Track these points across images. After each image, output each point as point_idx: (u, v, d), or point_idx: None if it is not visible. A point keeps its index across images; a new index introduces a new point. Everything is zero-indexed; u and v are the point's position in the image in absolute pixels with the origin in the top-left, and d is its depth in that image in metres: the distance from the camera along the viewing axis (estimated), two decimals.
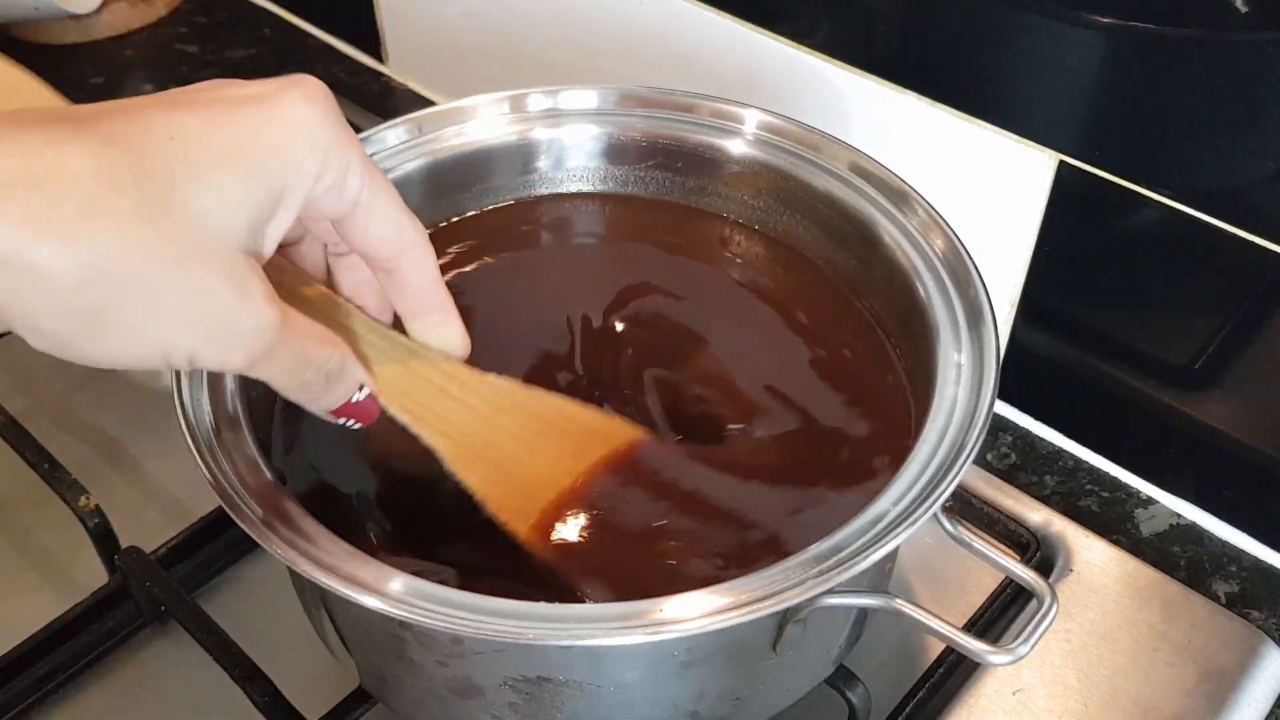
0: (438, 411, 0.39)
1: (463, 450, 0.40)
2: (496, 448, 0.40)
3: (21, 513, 0.58)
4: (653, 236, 0.55)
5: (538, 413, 0.42)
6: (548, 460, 0.41)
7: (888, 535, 0.37)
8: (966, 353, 0.43)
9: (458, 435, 0.40)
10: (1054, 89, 0.53)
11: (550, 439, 0.41)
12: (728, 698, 0.43)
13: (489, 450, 0.40)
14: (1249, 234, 0.50)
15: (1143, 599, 0.54)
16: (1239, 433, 0.56)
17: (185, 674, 0.51)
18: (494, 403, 0.40)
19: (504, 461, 0.40)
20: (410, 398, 0.39)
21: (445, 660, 0.40)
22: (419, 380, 0.39)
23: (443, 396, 0.39)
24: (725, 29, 0.64)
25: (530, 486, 0.41)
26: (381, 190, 0.36)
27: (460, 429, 0.40)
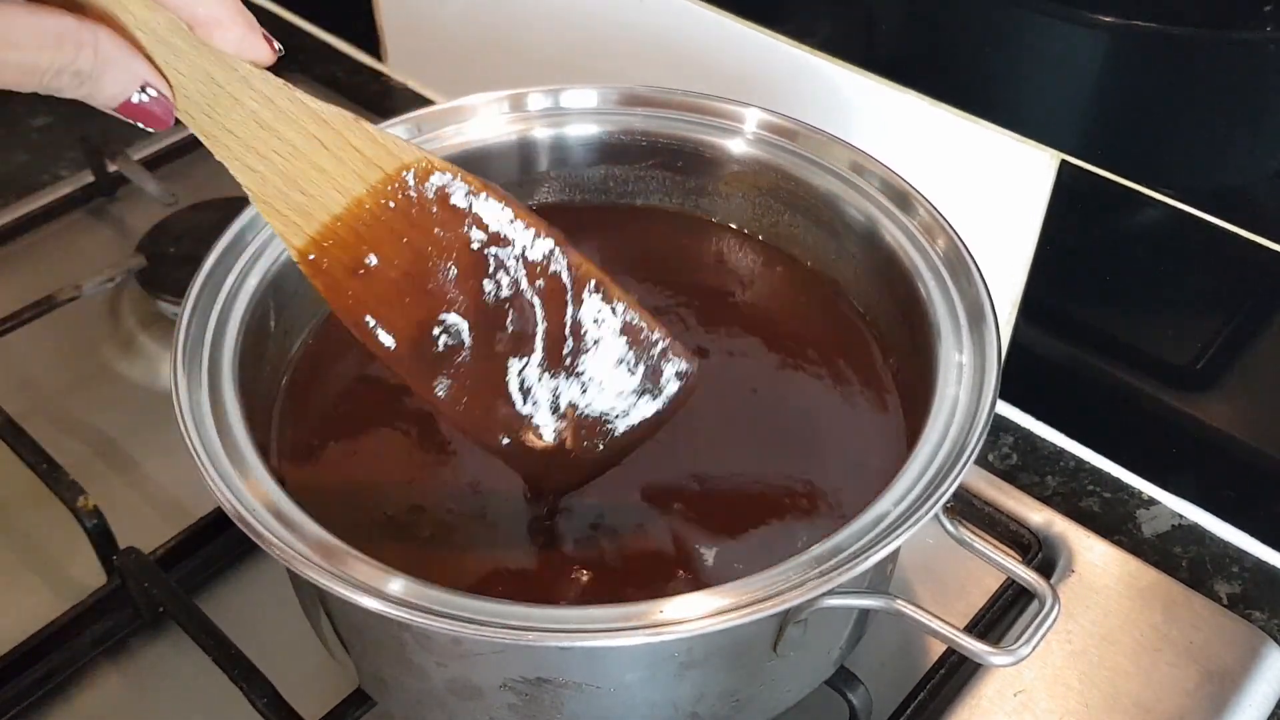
0: (241, 136, 0.35)
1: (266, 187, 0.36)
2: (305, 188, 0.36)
3: (20, 513, 0.58)
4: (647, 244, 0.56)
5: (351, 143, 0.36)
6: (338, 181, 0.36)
7: (889, 536, 0.37)
8: (968, 353, 0.43)
9: (270, 174, 0.36)
10: (1055, 88, 0.53)
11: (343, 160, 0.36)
12: (728, 699, 0.42)
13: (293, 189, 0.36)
14: (1249, 234, 0.50)
15: (1144, 600, 0.54)
16: (1241, 433, 0.56)
17: (184, 675, 0.51)
18: (307, 138, 0.35)
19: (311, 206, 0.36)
20: (213, 112, 0.35)
21: (444, 661, 0.40)
22: (225, 97, 0.35)
23: (251, 122, 0.35)
24: (725, 28, 0.64)
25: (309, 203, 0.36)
26: None
27: (275, 167, 0.36)
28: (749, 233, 0.55)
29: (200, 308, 0.45)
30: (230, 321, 0.45)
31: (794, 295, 0.53)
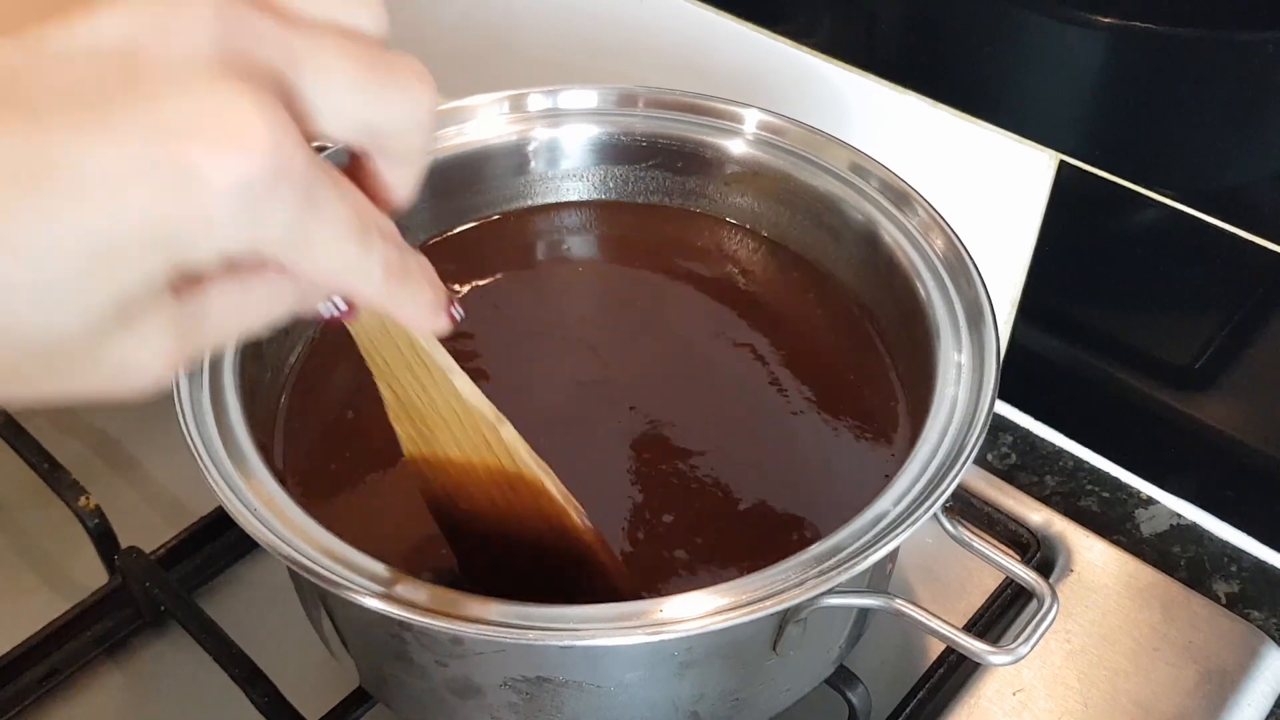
0: (392, 367, 0.36)
1: (401, 408, 0.38)
2: (430, 428, 0.38)
3: (21, 513, 0.58)
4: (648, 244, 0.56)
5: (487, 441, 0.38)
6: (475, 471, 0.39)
7: (888, 535, 0.37)
8: (967, 353, 0.43)
9: (406, 403, 0.37)
10: (1054, 89, 0.53)
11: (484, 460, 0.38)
12: (728, 698, 0.43)
13: (421, 423, 0.38)
14: (1249, 234, 0.50)
15: (1143, 599, 0.54)
16: (1239, 433, 0.56)
17: (185, 674, 0.51)
18: (447, 406, 0.37)
19: (433, 439, 0.38)
20: (376, 343, 0.35)
21: (445, 660, 0.40)
22: (390, 342, 0.35)
23: (406, 369, 0.36)
24: (725, 28, 0.64)
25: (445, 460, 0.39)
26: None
27: (412, 403, 0.37)
28: (750, 230, 0.55)
29: None
30: None
31: (795, 293, 0.53)
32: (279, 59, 0.23)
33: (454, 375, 0.35)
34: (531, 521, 0.39)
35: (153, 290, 0.22)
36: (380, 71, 0.25)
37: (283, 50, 0.23)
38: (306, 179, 0.22)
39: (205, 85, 0.21)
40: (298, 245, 0.23)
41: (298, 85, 0.23)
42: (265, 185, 0.21)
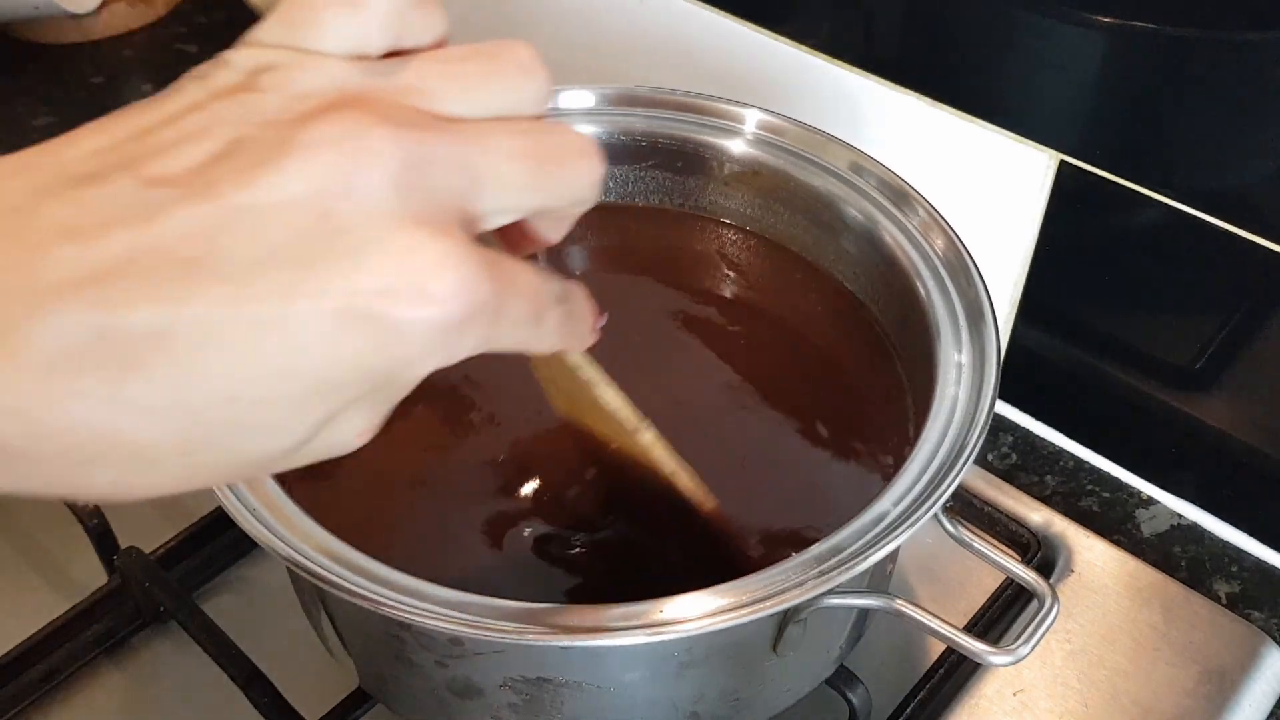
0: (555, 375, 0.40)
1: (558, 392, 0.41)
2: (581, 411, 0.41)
3: (21, 513, 0.58)
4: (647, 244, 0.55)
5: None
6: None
7: (888, 536, 0.37)
8: (967, 352, 0.43)
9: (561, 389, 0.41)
10: (1054, 89, 0.53)
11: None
12: (728, 698, 0.42)
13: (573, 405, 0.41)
14: (1249, 234, 0.50)
15: (1144, 599, 0.54)
16: (1240, 433, 0.56)
17: (184, 674, 0.51)
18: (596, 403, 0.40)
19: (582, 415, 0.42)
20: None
21: (445, 661, 0.40)
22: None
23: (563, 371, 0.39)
24: (725, 28, 0.64)
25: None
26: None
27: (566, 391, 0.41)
28: (750, 231, 0.55)
29: None
30: None
31: (796, 292, 0.53)
32: (459, 185, 0.24)
33: (597, 387, 0.38)
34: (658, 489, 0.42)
35: (355, 402, 0.25)
36: (549, 166, 0.26)
37: (459, 174, 0.24)
38: (491, 305, 0.24)
39: (393, 239, 0.23)
40: (484, 347, 0.25)
41: (477, 201, 0.25)
42: (456, 328, 0.24)
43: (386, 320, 0.23)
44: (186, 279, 0.22)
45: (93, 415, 0.22)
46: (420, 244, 0.23)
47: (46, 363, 0.21)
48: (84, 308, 0.22)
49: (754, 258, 0.54)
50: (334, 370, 0.23)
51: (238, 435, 0.24)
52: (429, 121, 0.25)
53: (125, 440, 0.23)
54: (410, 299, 0.23)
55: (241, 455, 0.24)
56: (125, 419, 0.22)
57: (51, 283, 0.22)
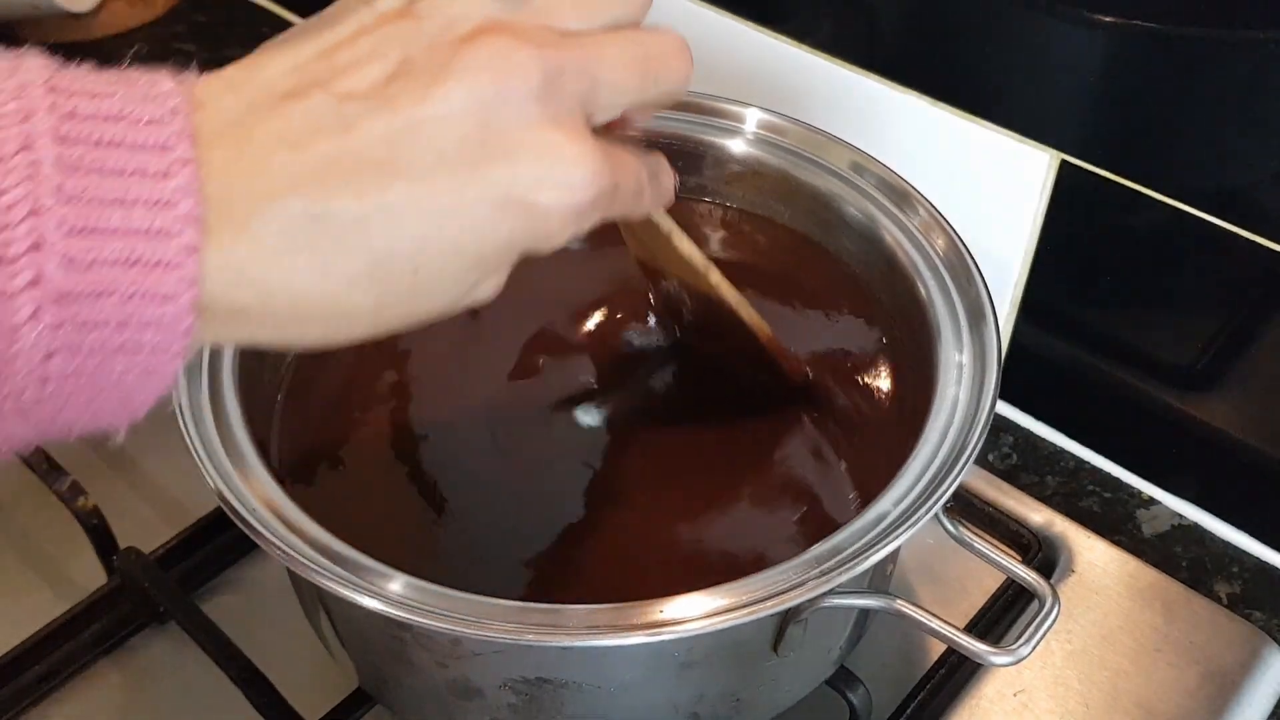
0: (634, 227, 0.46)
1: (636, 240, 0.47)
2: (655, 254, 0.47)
3: (20, 513, 0.58)
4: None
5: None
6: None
7: (889, 536, 0.37)
8: (968, 353, 0.43)
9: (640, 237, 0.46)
10: (1054, 88, 0.53)
11: None
12: (728, 699, 0.42)
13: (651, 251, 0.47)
14: (1249, 234, 0.50)
15: (1144, 600, 0.54)
16: (1241, 433, 0.56)
17: (184, 675, 0.51)
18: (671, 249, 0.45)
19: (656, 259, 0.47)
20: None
21: (444, 661, 0.40)
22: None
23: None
24: (726, 28, 0.64)
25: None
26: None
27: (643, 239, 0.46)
28: (749, 230, 0.55)
29: None
30: None
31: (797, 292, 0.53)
32: (583, 90, 0.30)
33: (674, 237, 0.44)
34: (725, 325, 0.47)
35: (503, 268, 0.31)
36: (653, 64, 0.32)
37: (585, 81, 0.30)
38: (610, 190, 0.31)
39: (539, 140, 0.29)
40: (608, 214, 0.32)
41: (596, 102, 0.31)
42: (587, 208, 0.30)
43: (537, 206, 0.29)
44: (379, 176, 0.28)
45: (309, 283, 0.28)
46: (560, 143, 0.29)
47: (274, 244, 0.27)
48: (301, 200, 0.27)
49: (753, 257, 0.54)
50: (492, 245, 0.30)
51: (416, 297, 0.30)
52: (558, 39, 0.30)
53: (332, 302, 0.29)
54: (555, 188, 0.29)
55: (417, 310, 0.30)
56: (333, 285, 0.28)
57: (275, 179, 0.27)
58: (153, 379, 0.28)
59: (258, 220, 0.27)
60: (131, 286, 0.26)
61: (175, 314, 0.27)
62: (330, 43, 0.29)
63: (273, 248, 0.27)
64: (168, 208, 0.26)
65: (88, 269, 0.25)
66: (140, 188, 0.26)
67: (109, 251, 0.26)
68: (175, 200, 0.26)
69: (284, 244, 0.27)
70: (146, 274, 0.26)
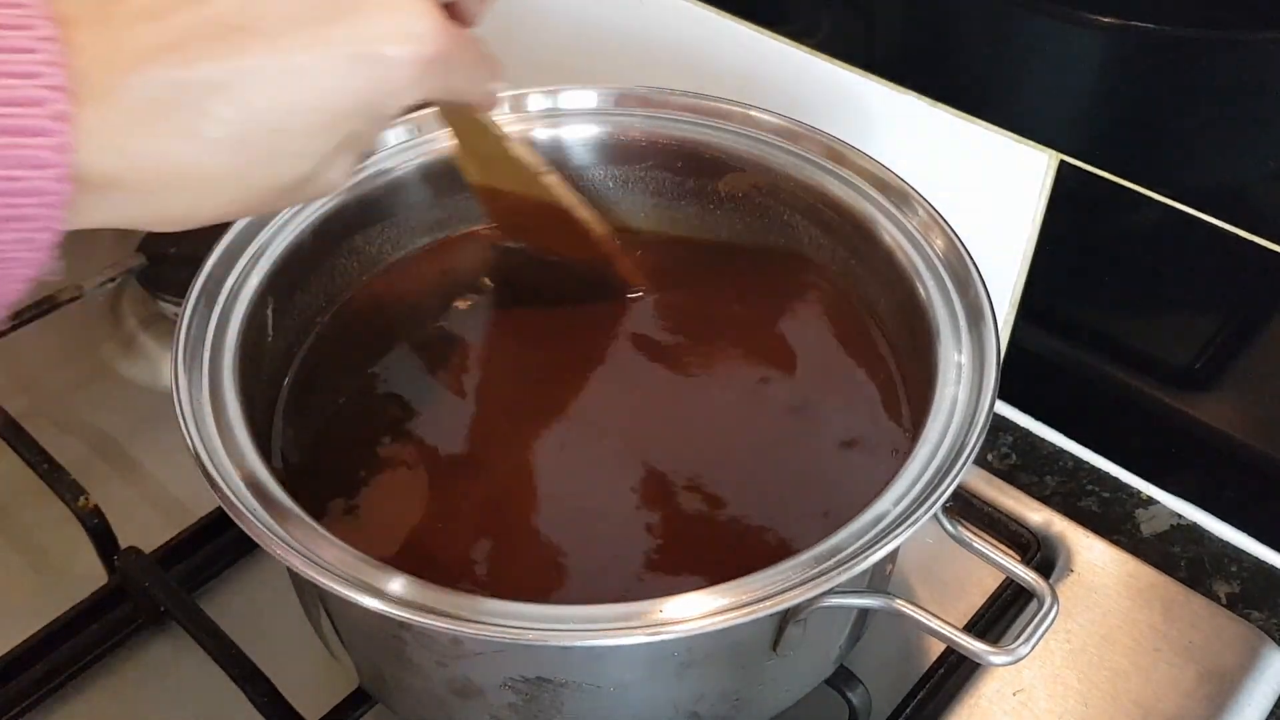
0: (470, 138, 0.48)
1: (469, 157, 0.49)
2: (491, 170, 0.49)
3: (21, 513, 0.58)
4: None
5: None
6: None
7: (888, 536, 0.37)
8: (967, 353, 0.43)
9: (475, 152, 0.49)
10: (1054, 89, 0.53)
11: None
12: (728, 698, 0.42)
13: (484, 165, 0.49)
14: (1249, 234, 0.50)
15: (1143, 599, 0.54)
16: (1239, 433, 0.56)
17: (184, 674, 0.51)
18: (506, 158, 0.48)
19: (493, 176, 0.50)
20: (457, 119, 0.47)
21: (445, 661, 0.40)
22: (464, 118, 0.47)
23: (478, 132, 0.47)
24: (726, 29, 0.64)
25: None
26: None
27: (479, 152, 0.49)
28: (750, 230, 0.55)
29: (201, 308, 0.45)
30: (231, 321, 0.45)
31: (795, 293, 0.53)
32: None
33: (506, 141, 0.46)
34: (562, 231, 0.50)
35: (352, 136, 0.33)
36: None
37: None
38: (452, 49, 0.33)
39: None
40: (440, 89, 0.35)
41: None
42: (430, 61, 0.32)
43: (383, 58, 0.32)
44: (236, 39, 0.30)
45: (174, 148, 0.29)
46: (403, 2, 0.32)
47: (139, 110, 0.29)
48: (163, 68, 0.29)
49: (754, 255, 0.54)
50: (344, 102, 0.31)
51: (276, 161, 0.31)
52: None
53: (197, 166, 0.30)
54: (399, 40, 0.32)
55: (278, 180, 0.32)
56: (198, 150, 0.30)
57: (137, 50, 0.29)
58: (31, 251, 0.28)
59: (123, 89, 0.28)
60: (7, 154, 0.27)
61: (50, 182, 0.28)
62: None
63: (139, 115, 0.29)
64: (35, 78, 0.27)
65: None
66: (7, 63, 0.27)
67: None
68: (41, 72, 0.27)
69: (149, 110, 0.29)
70: (20, 142, 0.27)
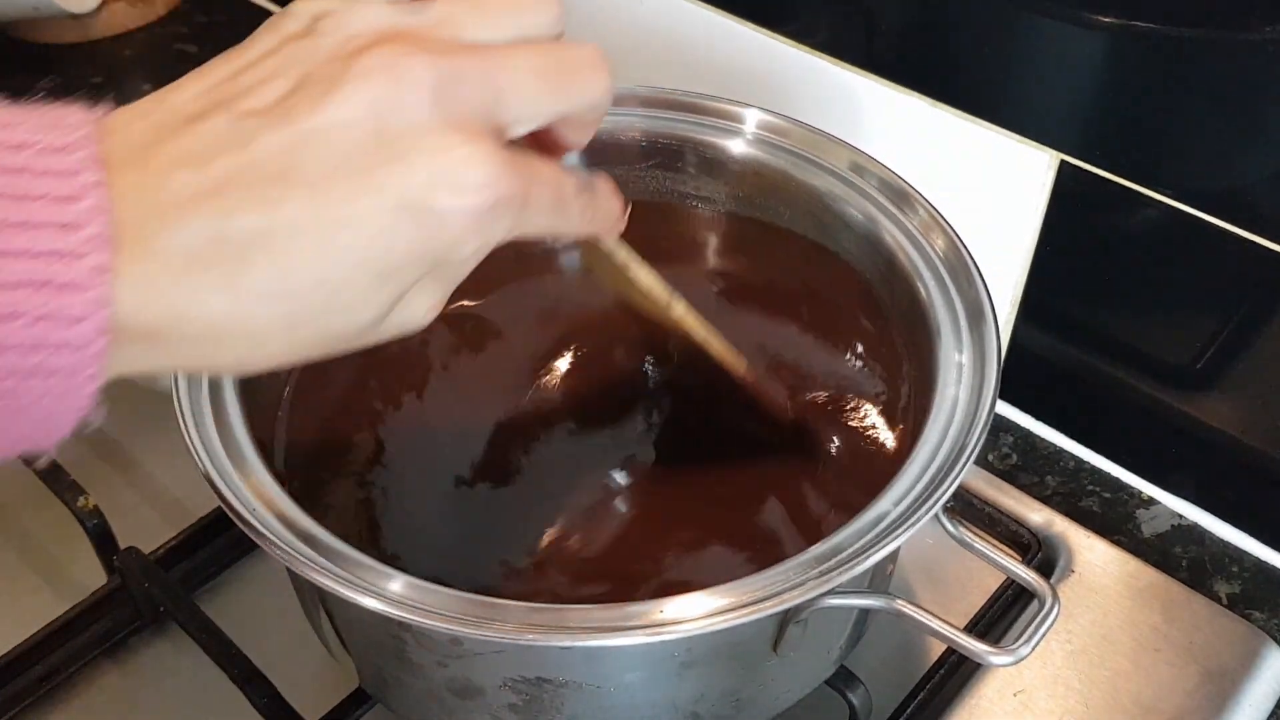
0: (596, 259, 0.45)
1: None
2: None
3: (21, 513, 0.58)
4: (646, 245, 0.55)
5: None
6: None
7: (889, 536, 0.37)
8: (967, 353, 0.43)
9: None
10: (1054, 89, 0.53)
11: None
12: (728, 698, 0.42)
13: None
14: (1249, 234, 0.50)
15: (1144, 600, 0.54)
16: (1240, 433, 0.56)
17: (184, 675, 0.51)
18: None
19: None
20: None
21: (445, 661, 0.40)
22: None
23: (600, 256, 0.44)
24: (726, 28, 0.64)
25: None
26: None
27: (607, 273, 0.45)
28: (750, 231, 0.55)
29: None
30: None
31: (795, 293, 0.53)
32: (486, 97, 0.30)
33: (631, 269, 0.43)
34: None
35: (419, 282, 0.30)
36: (564, 76, 0.31)
37: (485, 88, 0.30)
38: (518, 193, 0.30)
39: (433, 144, 0.28)
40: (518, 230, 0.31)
41: (503, 110, 0.30)
42: (490, 210, 0.29)
43: (432, 210, 0.29)
44: (276, 188, 0.28)
45: (219, 301, 0.28)
46: (454, 145, 0.29)
47: (181, 262, 0.27)
48: (201, 218, 0.27)
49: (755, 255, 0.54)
50: (394, 255, 0.29)
51: (328, 314, 0.29)
52: (457, 48, 0.30)
53: (242, 321, 0.28)
54: (449, 190, 0.29)
55: (332, 331, 0.30)
56: (242, 304, 0.28)
57: (176, 200, 0.27)
58: (69, 402, 0.27)
59: (163, 239, 0.27)
60: (41, 309, 0.26)
61: (86, 336, 0.26)
62: (238, 66, 0.30)
63: (180, 266, 0.27)
64: (75, 230, 0.26)
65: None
66: (47, 211, 0.26)
67: (16, 274, 0.26)
68: (83, 223, 0.26)
69: (190, 262, 0.27)
70: (55, 296, 0.26)
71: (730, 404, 0.47)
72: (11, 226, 0.26)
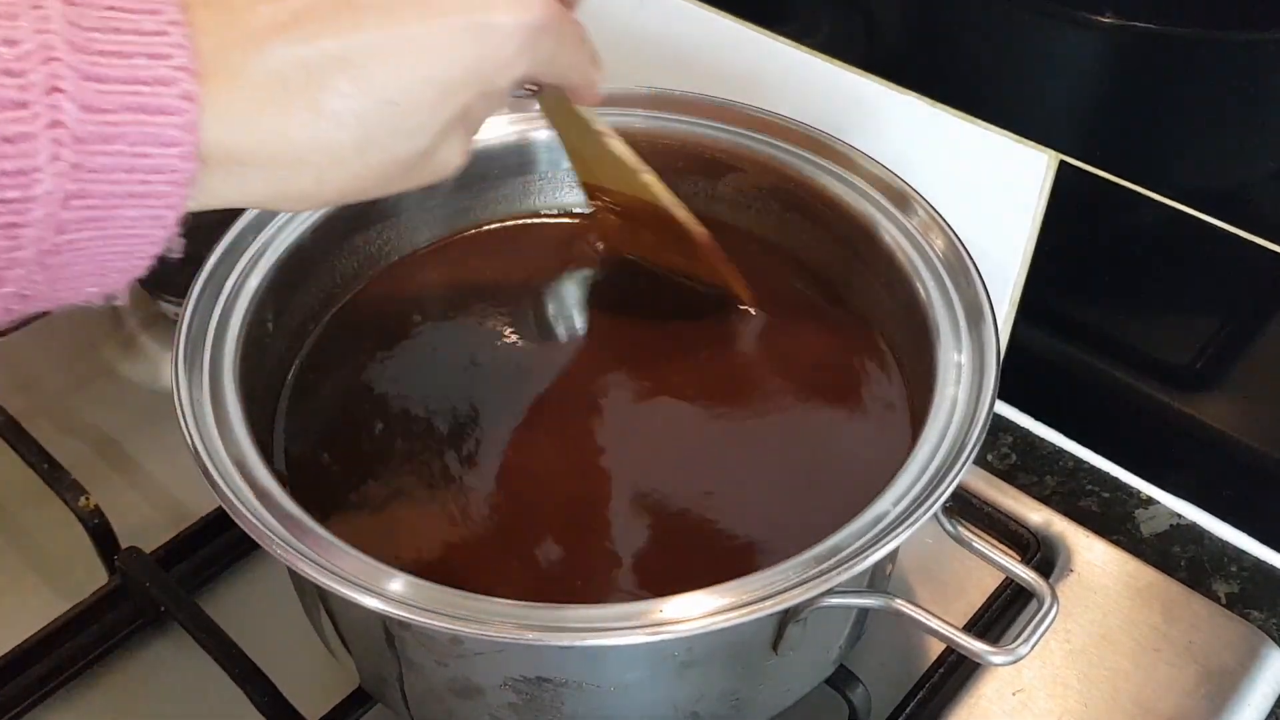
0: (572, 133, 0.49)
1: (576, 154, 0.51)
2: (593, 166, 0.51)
3: (21, 513, 0.58)
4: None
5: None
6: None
7: (888, 535, 0.37)
8: (966, 353, 0.43)
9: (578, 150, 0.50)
10: (1054, 89, 0.53)
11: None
12: (728, 698, 0.43)
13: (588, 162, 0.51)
14: (1249, 234, 0.50)
15: (1143, 599, 0.54)
16: (1239, 433, 0.56)
17: (185, 674, 0.51)
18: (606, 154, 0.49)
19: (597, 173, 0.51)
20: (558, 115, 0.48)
21: (445, 660, 0.40)
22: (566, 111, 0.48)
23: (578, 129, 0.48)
24: (726, 29, 0.64)
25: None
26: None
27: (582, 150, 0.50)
28: (749, 232, 0.55)
29: (202, 308, 0.45)
30: (232, 321, 0.45)
31: (795, 294, 0.53)
32: None
33: (607, 138, 0.47)
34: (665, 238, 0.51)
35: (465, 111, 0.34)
36: None
37: None
38: (559, 21, 0.35)
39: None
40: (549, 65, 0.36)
41: None
42: (540, 29, 0.33)
43: (492, 26, 0.32)
44: (351, 15, 0.31)
45: (297, 123, 0.30)
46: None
47: (263, 87, 0.29)
48: (284, 45, 0.30)
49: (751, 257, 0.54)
50: (455, 71, 0.32)
51: (394, 138, 0.32)
52: None
53: (319, 141, 0.31)
54: (507, 7, 0.33)
55: (396, 155, 0.33)
56: (320, 124, 0.30)
57: (259, 29, 0.30)
58: (153, 232, 0.29)
59: (246, 67, 0.29)
60: (138, 131, 0.28)
61: (178, 160, 0.28)
62: None
63: (262, 92, 0.29)
64: (164, 59, 0.28)
65: (101, 113, 0.27)
66: (138, 44, 0.28)
67: (117, 99, 0.27)
68: (170, 53, 0.28)
69: (272, 87, 0.29)
70: (151, 120, 0.28)
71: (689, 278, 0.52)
72: (110, 54, 0.27)
